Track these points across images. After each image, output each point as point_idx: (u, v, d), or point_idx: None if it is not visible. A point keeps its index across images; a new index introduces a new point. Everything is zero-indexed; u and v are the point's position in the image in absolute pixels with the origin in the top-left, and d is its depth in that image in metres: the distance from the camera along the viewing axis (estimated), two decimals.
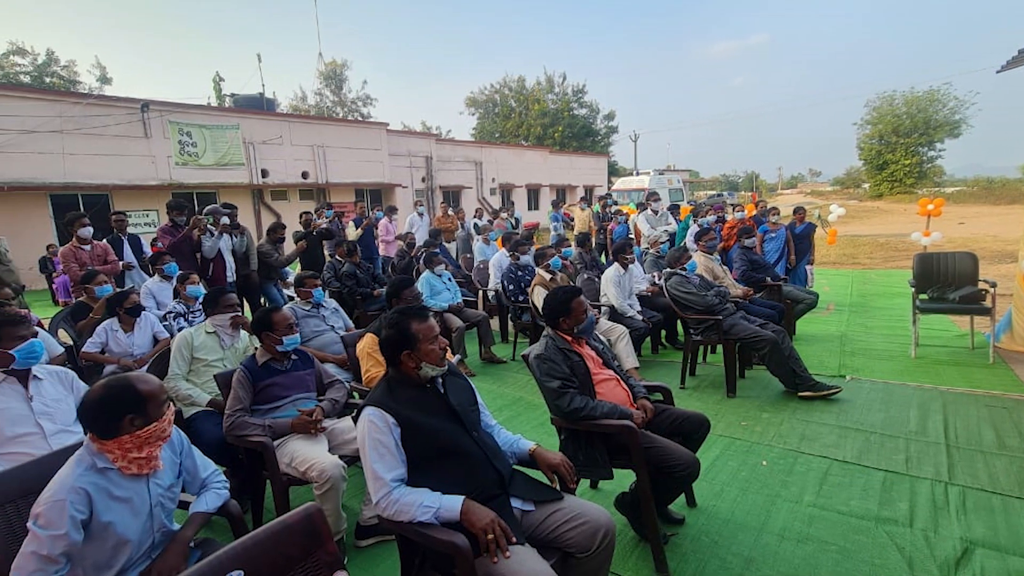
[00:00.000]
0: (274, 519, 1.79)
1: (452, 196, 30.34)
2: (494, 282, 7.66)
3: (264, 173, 21.81)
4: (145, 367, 4.21)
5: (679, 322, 6.44)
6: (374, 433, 2.13)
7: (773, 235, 8.64)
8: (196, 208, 15.65)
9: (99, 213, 14.72)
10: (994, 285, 5.83)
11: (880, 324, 7.51)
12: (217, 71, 57.38)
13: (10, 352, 2.90)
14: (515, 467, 2.43)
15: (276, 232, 7.64)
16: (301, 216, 8.96)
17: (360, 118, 44.40)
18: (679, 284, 5.51)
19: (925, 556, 2.84)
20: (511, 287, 6.87)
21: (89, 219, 6.39)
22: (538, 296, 5.99)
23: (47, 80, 36.33)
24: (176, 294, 5.34)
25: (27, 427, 2.88)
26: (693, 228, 9.19)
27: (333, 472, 2.86)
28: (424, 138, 31.21)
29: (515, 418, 4.99)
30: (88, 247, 6.28)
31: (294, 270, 6.79)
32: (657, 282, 6.74)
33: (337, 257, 7.59)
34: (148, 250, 7.30)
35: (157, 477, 2.08)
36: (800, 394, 4.97)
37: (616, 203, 15.48)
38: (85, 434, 1.99)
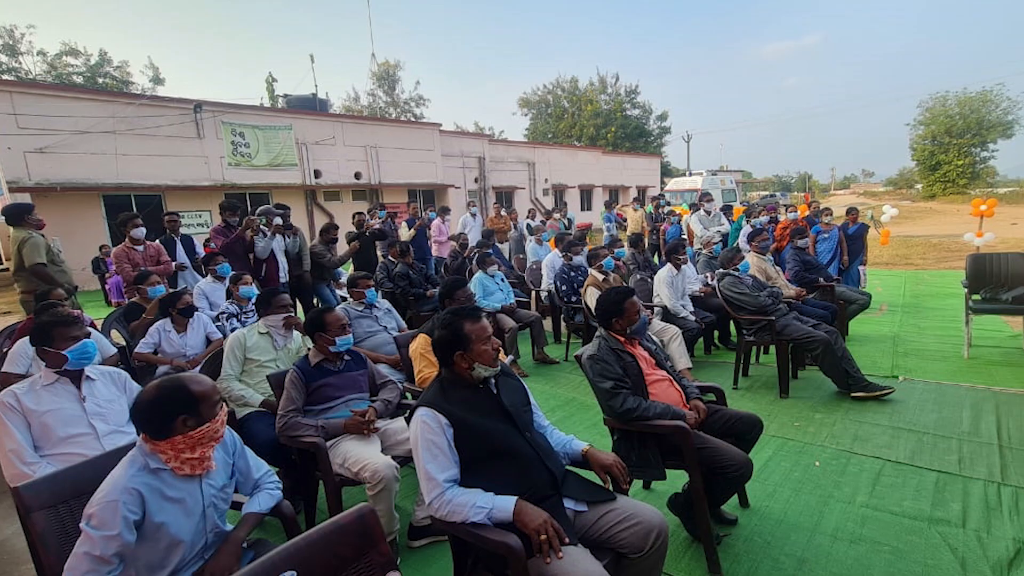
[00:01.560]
0: (327, 520, 1.79)
1: (505, 197, 30.32)
2: (547, 283, 7.65)
3: (317, 174, 21.94)
4: (198, 368, 4.28)
5: (732, 323, 6.35)
6: (427, 434, 2.13)
7: (826, 236, 8.52)
8: (249, 209, 15.91)
9: (152, 214, 14.97)
10: None
11: (933, 325, 7.35)
12: (270, 72, 58.17)
13: (63, 353, 2.94)
14: (568, 468, 2.41)
15: (329, 233, 7.68)
16: (354, 217, 8.98)
17: (413, 119, 44.61)
18: (732, 285, 5.45)
19: (978, 557, 2.81)
20: (564, 288, 6.85)
21: (142, 220, 6.42)
22: (591, 297, 5.99)
23: (100, 81, 37.02)
24: (229, 295, 5.43)
25: (80, 428, 2.92)
26: (746, 229, 9.06)
27: (386, 473, 2.86)
28: (477, 139, 31.22)
29: (568, 419, 4.97)
30: (141, 248, 6.31)
31: (347, 271, 6.84)
32: (710, 283, 6.68)
33: (390, 258, 7.66)
34: (201, 251, 7.43)
35: (210, 478, 2.08)
36: (853, 395, 4.91)
37: (669, 204, 15.34)
38: (138, 435, 2.00)
